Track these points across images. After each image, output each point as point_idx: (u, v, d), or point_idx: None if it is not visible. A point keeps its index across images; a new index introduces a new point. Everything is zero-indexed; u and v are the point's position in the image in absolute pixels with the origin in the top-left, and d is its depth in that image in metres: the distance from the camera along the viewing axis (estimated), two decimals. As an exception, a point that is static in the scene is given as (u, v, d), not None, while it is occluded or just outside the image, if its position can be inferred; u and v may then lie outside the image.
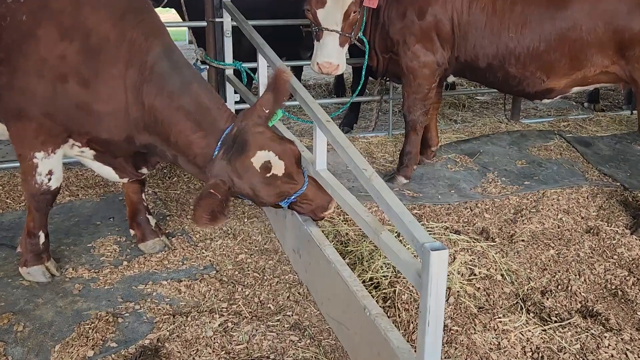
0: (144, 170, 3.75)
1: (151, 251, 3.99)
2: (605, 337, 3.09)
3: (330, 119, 3.51)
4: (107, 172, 3.66)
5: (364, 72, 4.92)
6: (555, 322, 3.25)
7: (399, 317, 3.20)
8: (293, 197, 3.38)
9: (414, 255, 2.97)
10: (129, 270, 3.80)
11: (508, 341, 3.06)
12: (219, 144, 3.25)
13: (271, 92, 3.31)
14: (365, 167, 3.06)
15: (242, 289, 3.62)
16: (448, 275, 3.41)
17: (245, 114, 3.32)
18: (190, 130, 3.27)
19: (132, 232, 4.07)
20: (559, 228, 4.23)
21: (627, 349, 3.03)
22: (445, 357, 2.94)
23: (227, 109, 3.40)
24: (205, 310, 3.41)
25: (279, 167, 3.27)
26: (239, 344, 3.14)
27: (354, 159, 3.14)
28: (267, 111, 3.31)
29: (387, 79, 5.68)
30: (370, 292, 3.24)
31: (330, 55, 4.38)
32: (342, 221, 4.13)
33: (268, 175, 3.25)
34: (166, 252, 3.99)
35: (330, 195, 3.48)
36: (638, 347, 3.06)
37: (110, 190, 4.94)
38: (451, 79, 4.95)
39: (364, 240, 3.83)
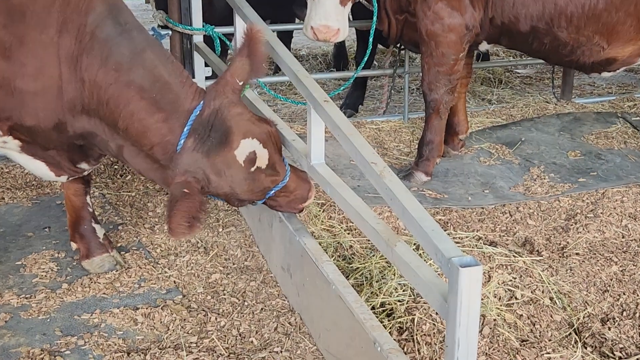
0: (84, 166, 3.74)
1: (99, 270, 3.98)
2: (684, 377, 3.08)
3: (328, 99, 3.51)
4: (39, 167, 3.64)
5: (371, 39, 4.91)
6: (620, 358, 3.24)
7: (419, 352, 3.18)
8: (272, 191, 3.43)
9: (438, 274, 2.97)
10: (70, 295, 3.78)
11: (559, 383, 3.06)
12: (185, 129, 3.24)
13: (244, 57, 3.32)
14: (374, 160, 3.06)
15: (216, 319, 3.61)
16: (482, 299, 3.40)
17: (216, 89, 3.32)
18: (145, 112, 3.26)
19: (73, 245, 4.06)
20: (623, 238, 4.23)
21: None
22: (478, 405, 2.94)
23: (192, 84, 3.40)
24: (169, 347, 3.39)
25: (263, 158, 3.31)
26: (213, 390, 3.14)
27: (361, 150, 3.14)
28: (241, 83, 3.33)
29: (402, 47, 5.67)
30: (381, 322, 3.23)
31: (328, 17, 4.37)
32: (345, 230, 4.12)
33: (252, 169, 3.28)
34: (118, 272, 3.98)
35: (309, 180, 3.55)
36: None
37: (46, 192, 4.92)
38: (484, 47, 4.94)
39: (373, 255, 3.82)
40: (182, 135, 3.24)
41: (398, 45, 5.62)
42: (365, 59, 5.24)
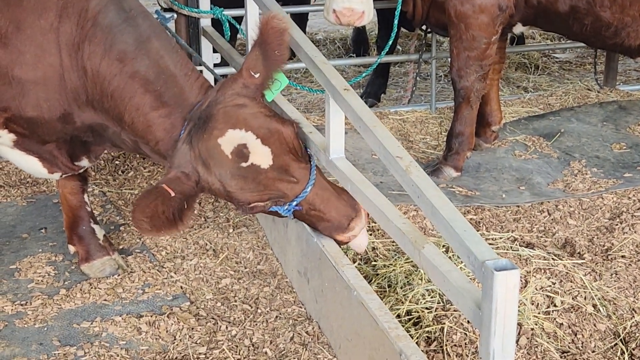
0: (84, 162, 3.76)
1: (99, 275, 4.00)
2: None
3: (349, 87, 3.51)
4: (31, 164, 3.67)
5: (396, 21, 4.89)
6: (671, 371, 3.23)
7: (449, 365, 3.19)
8: (294, 202, 3.37)
9: (471, 279, 2.96)
10: (69, 301, 3.80)
11: (604, 399, 3.05)
12: (185, 123, 3.26)
13: (259, 48, 3.29)
14: (400, 154, 3.05)
15: (227, 328, 3.62)
16: (518, 307, 3.40)
17: (224, 83, 3.32)
18: (149, 106, 3.28)
19: (71, 248, 4.08)
20: (674, 239, 4.21)
21: None
22: (515, 422, 2.93)
23: (199, 76, 3.41)
24: (176, 358, 3.40)
25: (261, 155, 3.23)
26: (224, 405, 3.16)
27: (384, 143, 3.13)
28: (257, 76, 3.29)
29: (428, 30, 5.65)
30: (407, 331, 3.23)
31: None
32: (368, 231, 4.11)
33: (243, 164, 3.21)
34: (120, 277, 4.00)
35: (357, 207, 3.44)
36: None
37: (42, 190, 4.96)
38: (519, 29, 4.92)
39: (399, 258, 3.82)
40: (183, 129, 3.25)
41: (424, 28, 5.59)
42: (389, 43, 5.22)
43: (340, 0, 4.38)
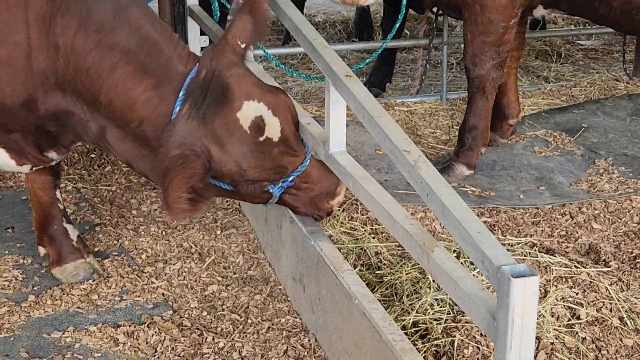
0: (53, 155, 3.75)
1: (72, 280, 4.00)
2: None
3: (351, 73, 3.51)
4: None
5: (404, 3, 4.87)
6: None
7: (460, 383, 3.19)
8: (290, 177, 3.43)
9: (485, 286, 2.96)
10: (38, 309, 3.80)
11: (631, 421, 3.05)
12: (180, 95, 3.26)
13: (246, 15, 3.38)
14: (407, 147, 3.05)
15: (213, 339, 3.62)
16: (537, 319, 3.40)
17: (214, 50, 3.36)
18: (132, 78, 3.28)
19: (41, 250, 4.08)
20: None
21: None
22: None
23: (184, 46, 3.45)
24: (157, 372, 3.41)
25: (273, 128, 3.32)
26: None
27: (390, 135, 3.13)
28: (243, 45, 3.37)
29: (439, 12, 5.64)
30: (414, 344, 3.22)
31: None
32: (370, 233, 4.12)
33: (261, 138, 3.28)
34: (95, 282, 4.00)
35: (334, 173, 3.54)
36: None
37: (8, 185, 4.95)
38: (540, 12, 4.93)
39: (405, 263, 3.82)
40: (177, 101, 3.26)
41: (434, 10, 5.59)
42: (397, 26, 5.21)
43: None
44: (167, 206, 3.09)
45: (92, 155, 5.27)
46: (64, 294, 3.90)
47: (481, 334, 3.29)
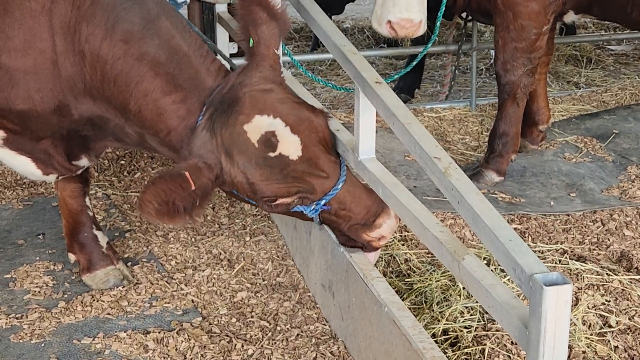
0: (83, 162, 3.77)
1: (102, 286, 4.01)
2: None
3: (381, 80, 3.51)
4: (22, 164, 3.68)
5: (442, 10, 4.81)
6: None
7: (491, 391, 3.18)
8: (323, 201, 3.37)
9: (517, 294, 2.94)
10: (69, 315, 3.82)
11: None
12: (204, 108, 3.27)
13: (275, 22, 3.38)
14: (437, 154, 3.06)
15: (242, 346, 3.61)
16: (570, 326, 3.38)
17: (249, 65, 3.34)
18: (160, 91, 3.28)
19: (72, 257, 4.10)
20: None
21: None
22: None
23: (215, 59, 3.43)
24: (186, 379, 3.42)
25: (290, 144, 3.25)
26: None
27: (421, 142, 3.13)
28: (278, 52, 3.36)
29: (469, 17, 5.63)
30: (444, 352, 3.21)
31: (411, 8, 4.18)
32: (399, 241, 4.11)
33: (271, 154, 3.23)
34: (125, 288, 4.01)
35: (384, 204, 3.44)
36: None
37: (39, 192, 4.99)
38: (570, 17, 4.90)
39: (434, 271, 3.82)
40: (201, 114, 3.26)
41: (464, 15, 5.57)
42: (435, 34, 5.07)
43: (396, 9, 4.21)
44: (139, 203, 3.07)
45: (122, 162, 5.30)
46: (94, 300, 3.92)
47: (512, 343, 3.28)
